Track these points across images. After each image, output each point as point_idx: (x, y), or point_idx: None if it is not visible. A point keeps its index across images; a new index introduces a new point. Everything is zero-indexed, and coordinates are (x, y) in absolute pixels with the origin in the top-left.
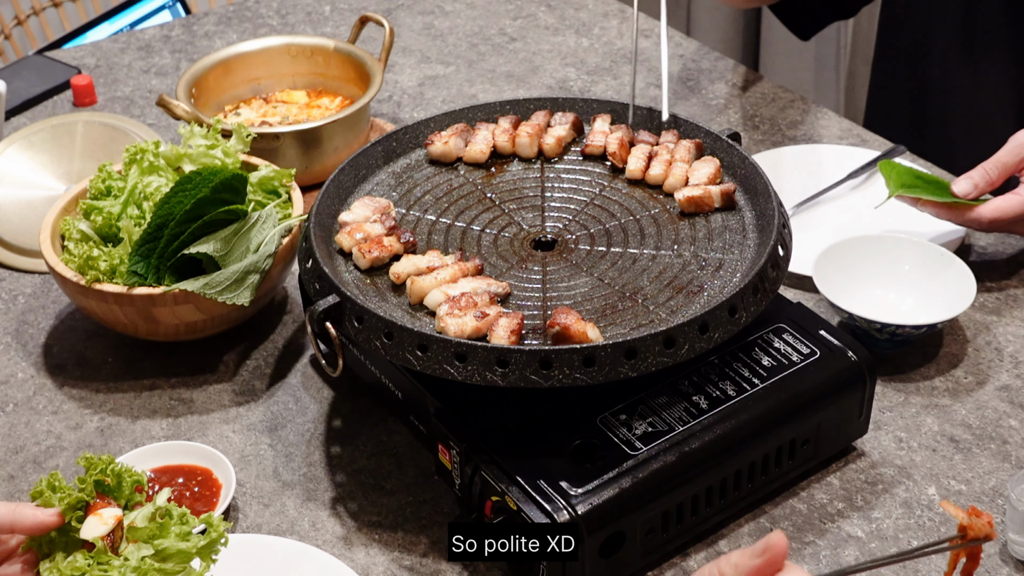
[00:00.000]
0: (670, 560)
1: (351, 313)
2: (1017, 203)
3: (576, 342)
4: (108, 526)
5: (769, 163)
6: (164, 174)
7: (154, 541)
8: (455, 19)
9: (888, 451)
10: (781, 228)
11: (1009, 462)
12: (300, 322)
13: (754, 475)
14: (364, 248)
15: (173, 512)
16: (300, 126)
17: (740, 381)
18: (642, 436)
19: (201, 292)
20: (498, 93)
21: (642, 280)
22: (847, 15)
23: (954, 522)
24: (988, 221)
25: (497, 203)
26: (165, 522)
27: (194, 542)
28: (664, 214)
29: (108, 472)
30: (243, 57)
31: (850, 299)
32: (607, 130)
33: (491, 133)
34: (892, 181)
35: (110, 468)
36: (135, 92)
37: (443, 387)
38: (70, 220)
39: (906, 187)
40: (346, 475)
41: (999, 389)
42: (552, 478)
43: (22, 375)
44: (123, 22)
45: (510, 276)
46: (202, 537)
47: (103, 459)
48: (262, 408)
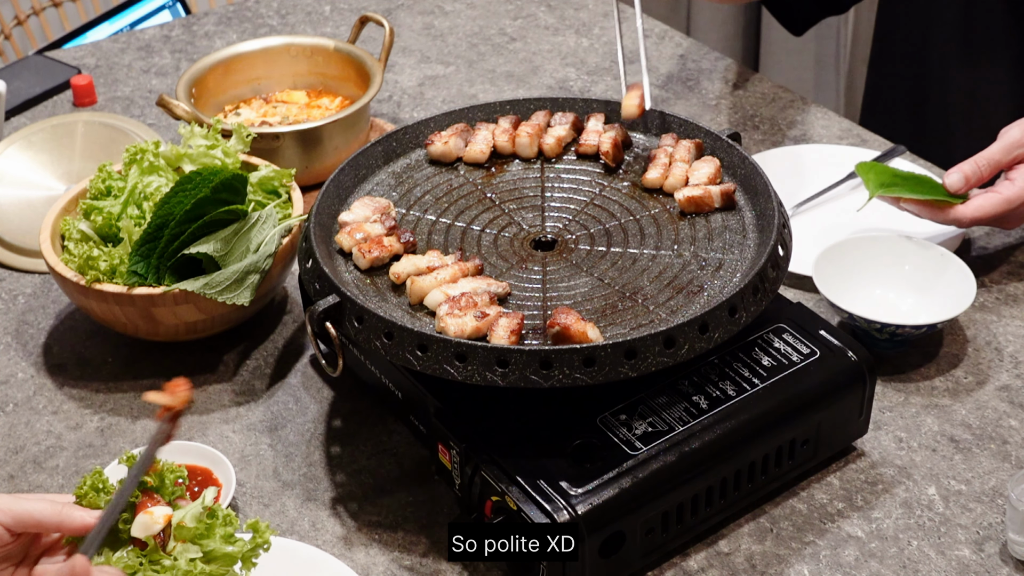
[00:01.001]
0: (670, 560)
1: (351, 313)
2: (997, 201)
3: (576, 342)
4: (159, 525)
5: (769, 163)
6: (164, 174)
7: (201, 542)
8: (455, 19)
9: (888, 451)
10: (781, 228)
11: (1009, 462)
12: (300, 322)
13: (754, 475)
14: (364, 248)
15: (218, 513)
16: (300, 126)
17: (740, 381)
18: (642, 436)
19: (201, 292)
20: (498, 93)
21: (642, 280)
22: (838, 11)
23: (955, 521)
24: (969, 219)
25: (497, 203)
26: (212, 523)
27: (240, 547)
28: (664, 214)
29: (150, 473)
30: (243, 57)
31: (850, 299)
32: (600, 129)
33: (491, 133)
34: (871, 182)
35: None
36: (135, 92)
37: (443, 387)
38: (70, 220)
39: (885, 187)
40: (346, 475)
41: (999, 389)
42: (552, 478)
43: (22, 375)
44: (123, 22)
45: (510, 276)
46: (248, 542)
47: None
48: (262, 408)
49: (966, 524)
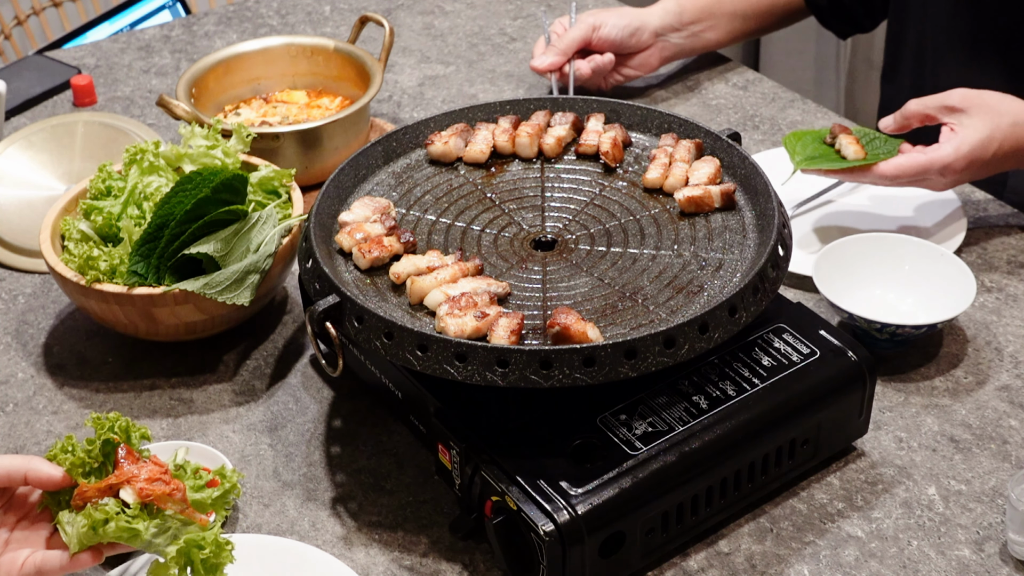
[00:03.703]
0: (670, 560)
1: (351, 313)
2: (918, 160)
3: (576, 342)
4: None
5: (769, 163)
6: (164, 174)
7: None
8: (455, 19)
9: (888, 451)
10: (781, 228)
11: (1009, 462)
12: (300, 322)
13: (754, 475)
14: (364, 248)
15: (187, 468)
16: (300, 126)
17: (740, 381)
18: (642, 436)
19: (201, 292)
20: (498, 93)
21: (642, 280)
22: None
23: (955, 521)
24: (891, 176)
25: (497, 203)
26: (180, 475)
27: (208, 493)
28: (664, 214)
29: (116, 429)
30: (243, 57)
31: (850, 299)
32: (600, 129)
33: (491, 133)
34: (796, 155)
35: (117, 425)
36: (135, 92)
37: (443, 387)
38: (70, 220)
39: (809, 159)
40: (346, 475)
41: (999, 389)
42: (552, 478)
43: (22, 375)
44: (123, 22)
45: (510, 276)
46: (215, 490)
47: (110, 417)
48: (262, 408)
49: (966, 524)
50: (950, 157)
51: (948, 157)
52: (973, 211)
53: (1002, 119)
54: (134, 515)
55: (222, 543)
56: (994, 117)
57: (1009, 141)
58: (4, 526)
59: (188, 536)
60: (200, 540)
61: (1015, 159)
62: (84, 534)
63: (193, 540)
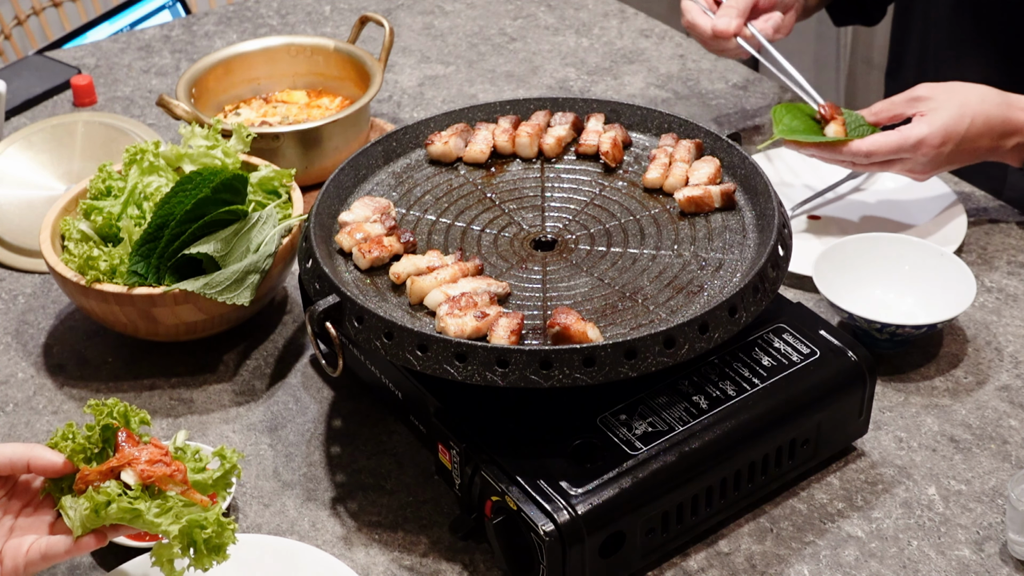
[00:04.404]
0: (670, 560)
1: (351, 313)
2: (894, 138)
3: (576, 342)
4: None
5: (769, 163)
6: (164, 174)
7: None
8: (455, 19)
9: (888, 451)
10: (781, 228)
11: (1009, 462)
12: (300, 322)
13: (754, 475)
14: (364, 248)
15: (187, 450)
16: (300, 126)
17: (740, 381)
18: (642, 436)
19: (201, 292)
20: (498, 93)
21: (642, 280)
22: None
23: (955, 521)
24: (865, 152)
25: (497, 203)
26: (181, 457)
27: (209, 474)
28: (664, 214)
29: (115, 414)
30: (243, 57)
31: (850, 299)
32: (600, 129)
33: (491, 133)
34: (780, 125)
35: (116, 410)
36: (135, 92)
37: (443, 387)
38: (70, 220)
39: (791, 130)
40: (346, 475)
41: (999, 389)
42: (552, 478)
43: (22, 375)
44: (123, 22)
45: (510, 276)
46: (216, 470)
47: (109, 403)
48: (262, 408)
49: (966, 524)
50: (924, 132)
51: (922, 132)
52: (973, 211)
53: (969, 96)
54: (136, 496)
55: (224, 523)
56: (961, 96)
57: (980, 116)
58: (8, 513)
59: (190, 516)
60: (202, 520)
61: (990, 136)
62: (87, 517)
63: (195, 520)
